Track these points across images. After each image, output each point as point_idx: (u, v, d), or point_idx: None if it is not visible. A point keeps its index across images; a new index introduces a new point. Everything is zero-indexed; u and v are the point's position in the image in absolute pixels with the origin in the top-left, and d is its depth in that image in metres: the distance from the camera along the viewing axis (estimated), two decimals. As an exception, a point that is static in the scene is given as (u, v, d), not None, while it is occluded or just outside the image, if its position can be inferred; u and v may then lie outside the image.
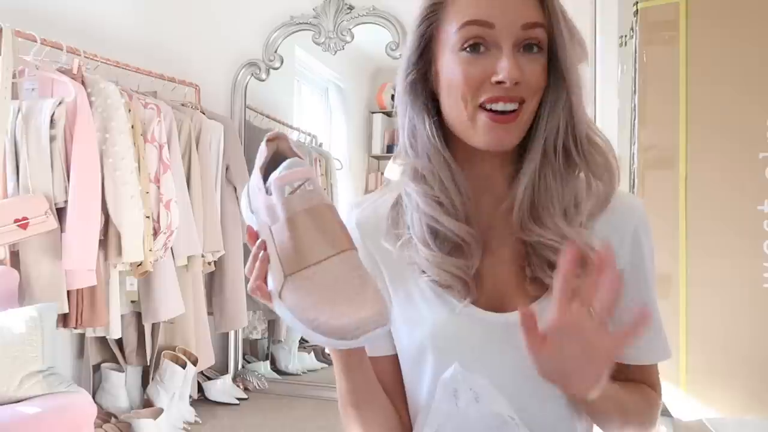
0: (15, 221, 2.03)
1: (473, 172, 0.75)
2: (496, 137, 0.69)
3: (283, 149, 0.70)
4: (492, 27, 0.67)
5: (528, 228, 0.71)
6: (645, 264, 0.76)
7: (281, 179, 0.62)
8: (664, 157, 1.71)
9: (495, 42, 0.68)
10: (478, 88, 0.68)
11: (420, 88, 0.75)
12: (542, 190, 0.72)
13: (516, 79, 0.66)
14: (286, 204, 0.61)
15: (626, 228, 0.75)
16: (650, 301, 0.76)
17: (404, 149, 0.76)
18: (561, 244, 0.69)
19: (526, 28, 0.68)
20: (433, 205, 0.72)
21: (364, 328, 0.57)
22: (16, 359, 1.90)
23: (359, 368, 0.73)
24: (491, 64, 0.68)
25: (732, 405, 1.60)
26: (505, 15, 0.67)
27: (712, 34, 1.66)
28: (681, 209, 1.66)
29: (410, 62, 0.75)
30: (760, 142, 1.60)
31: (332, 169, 3.57)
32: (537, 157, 0.72)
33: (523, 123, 0.70)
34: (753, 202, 1.60)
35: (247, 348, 3.45)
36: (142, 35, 3.12)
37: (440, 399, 0.68)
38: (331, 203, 0.64)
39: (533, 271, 0.71)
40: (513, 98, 0.68)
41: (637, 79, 1.75)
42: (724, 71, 1.64)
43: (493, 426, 0.66)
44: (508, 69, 0.66)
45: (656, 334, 0.77)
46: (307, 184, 0.61)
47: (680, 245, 1.66)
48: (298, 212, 0.61)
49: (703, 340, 1.61)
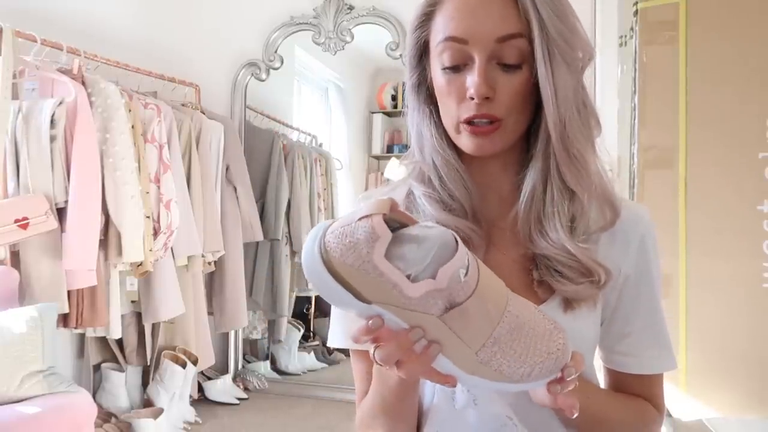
0: (15, 221, 2.03)
1: (478, 171, 0.75)
2: (478, 146, 0.70)
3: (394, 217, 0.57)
4: (466, 43, 0.67)
5: (533, 241, 0.71)
6: (651, 273, 0.76)
7: (453, 266, 0.54)
8: (664, 157, 1.71)
9: (470, 56, 0.67)
10: (459, 104, 0.69)
11: (421, 91, 0.76)
12: (547, 202, 0.71)
13: (485, 95, 0.66)
14: (464, 288, 0.54)
15: (633, 237, 0.75)
16: (656, 310, 0.76)
17: (413, 149, 0.77)
18: (567, 257, 0.69)
19: (501, 41, 0.66)
20: (435, 204, 0.73)
21: (566, 351, 0.57)
22: (17, 359, 1.90)
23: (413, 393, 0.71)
24: (467, 80, 0.68)
25: (732, 405, 1.60)
26: (480, 29, 0.66)
27: (712, 34, 1.66)
28: (681, 209, 1.66)
29: (411, 66, 0.76)
30: (759, 142, 1.60)
31: (332, 169, 3.58)
32: (537, 170, 0.71)
33: (505, 134, 0.70)
34: (753, 202, 1.60)
35: (247, 348, 3.45)
36: (142, 35, 3.12)
37: (439, 401, 0.68)
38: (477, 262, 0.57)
39: (541, 275, 0.71)
40: (486, 116, 0.67)
41: (637, 79, 1.75)
42: (724, 71, 1.64)
43: (492, 427, 0.66)
44: (476, 84, 0.66)
45: (660, 343, 0.77)
46: (470, 262, 0.55)
47: (680, 245, 1.66)
48: (467, 299, 0.55)
49: (702, 340, 1.61)
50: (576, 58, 0.69)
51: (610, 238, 0.74)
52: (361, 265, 0.52)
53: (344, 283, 0.53)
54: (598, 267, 0.69)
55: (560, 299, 0.71)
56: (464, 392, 0.66)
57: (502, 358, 0.56)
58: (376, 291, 0.53)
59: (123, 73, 2.67)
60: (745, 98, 1.62)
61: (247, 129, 3.29)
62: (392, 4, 3.05)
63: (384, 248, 0.52)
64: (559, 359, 0.57)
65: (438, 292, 0.53)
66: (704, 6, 1.66)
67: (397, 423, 0.72)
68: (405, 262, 0.53)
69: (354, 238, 0.52)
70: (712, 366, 1.61)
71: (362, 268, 0.52)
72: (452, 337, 0.55)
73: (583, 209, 0.72)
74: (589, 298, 0.70)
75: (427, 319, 0.54)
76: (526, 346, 0.56)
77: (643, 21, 1.73)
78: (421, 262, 0.53)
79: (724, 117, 1.64)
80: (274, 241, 3.29)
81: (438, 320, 0.54)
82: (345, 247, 0.52)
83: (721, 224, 1.63)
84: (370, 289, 0.53)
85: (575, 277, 0.69)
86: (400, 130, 3.56)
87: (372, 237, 0.52)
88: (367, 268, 0.52)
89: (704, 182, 1.65)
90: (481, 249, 0.72)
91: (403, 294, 0.53)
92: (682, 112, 1.67)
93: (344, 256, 0.52)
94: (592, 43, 0.72)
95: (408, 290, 0.52)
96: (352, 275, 0.53)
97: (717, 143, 1.64)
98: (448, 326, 0.54)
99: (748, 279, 1.59)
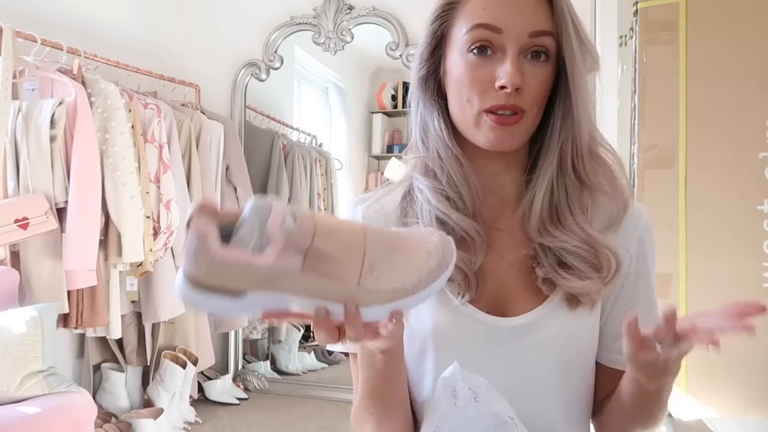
0: (15, 221, 2.03)
1: (480, 170, 0.75)
2: (499, 138, 0.70)
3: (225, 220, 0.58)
4: (500, 32, 0.68)
5: (548, 233, 0.72)
6: (649, 270, 0.77)
7: (277, 218, 0.54)
8: (664, 157, 1.71)
9: (501, 47, 0.68)
10: (483, 93, 0.69)
11: (430, 84, 0.76)
12: (562, 197, 0.72)
13: (517, 85, 0.67)
14: (303, 232, 0.55)
15: (632, 235, 0.76)
16: (653, 308, 0.78)
17: (416, 144, 0.78)
18: (581, 248, 0.70)
19: (533, 35, 0.68)
20: (442, 200, 0.73)
21: (446, 246, 0.60)
22: (17, 359, 1.90)
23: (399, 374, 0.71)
24: (496, 69, 0.68)
25: (732, 405, 1.60)
26: (514, 21, 0.67)
27: (712, 34, 1.66)
28: (681, 209, 1.66)
29: (422, 58, 0.76)
30: (759, 142, 1.60)
31: (332, 169, 3.58)
32: (553, 167, 0.72)
33: (525, 128, 0.71)
34: (753, 202, 1.60)
35: (247, 348, 3.45)
36: (142, 35, 3.12)
37: (439, 398, 0.68)
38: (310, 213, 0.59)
39: (545, 272, 0.71)
40: (513, 107, 0.68)
41: (637, 79, 1.75)
42: (724, 71, 1.64)
43: (492, 426, 0.66)
44: (509, 74, 0.66)
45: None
46: (296, 210, 0.56)
47: (680, 245, 1.66)
48: (313, 239, 0.56)
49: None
50: (594, 61, 0.72)
51: (614, 236, 0.75)
52: (212, 265, 0.54)
53: (213, 290, 0.55)
54: (611, 255, 0.70)
55: (563, 297, 0.71)
56: (465, 390, 0.66)
57: (386, 278, 0.58)
58: (239, 278, 0.55)
59: (123, 73, 2.67)
60: (745, 98, 1.62)
61: (247, 129, 3.29)
62: (392, 4, 3.05)
63: (216, 239, 0.54)
64: (440, 255, 0.59)
65: (284, 250, 0.54)
66: (704, 6, 1.66)
67: (390, 409, 0.73)
68: (242, 242, 0.55)
69: (191, 248, 0.55)
70: (712, 366, 1.61)
71: (214, 267, 0.54)
72: (326, 281, 0.56)
73: (595, 204, 0.74)
74: (593, 294, 0.71)
75: (293, 276, 0.55)
76: (404, 259, 0.58)
77: (643, 21, 1.73)
78: (252, 234, 0.55)
79: (724, 117, 1.64)
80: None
81: (302, 273, 0.56)
82: (192, 260, 0.55)
83: (721, 224, 1.63)
84: (233, 279, 0.55)
85: (585, 271, 0.70)
86: (400, 130, 3.56)
87: (201, 236, 0.54)
88: (216, 265, 0.54)
89: (704, 182, 1.65)
90: (483, 250, 0.72)
91: (259, 269, 0.54)
92: (682, 112, 1.67)
93: (197, 267, 0.55)
94: (593, 45, 0.74)
95: (259, 262, 0.54)
96: (212, 279, 0.55)
97: (717, 143, 1.65)
98: (316, 272, 0.56)
99: (748, 279, 1.59)
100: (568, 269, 0.70)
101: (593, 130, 0.72)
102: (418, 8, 2.88)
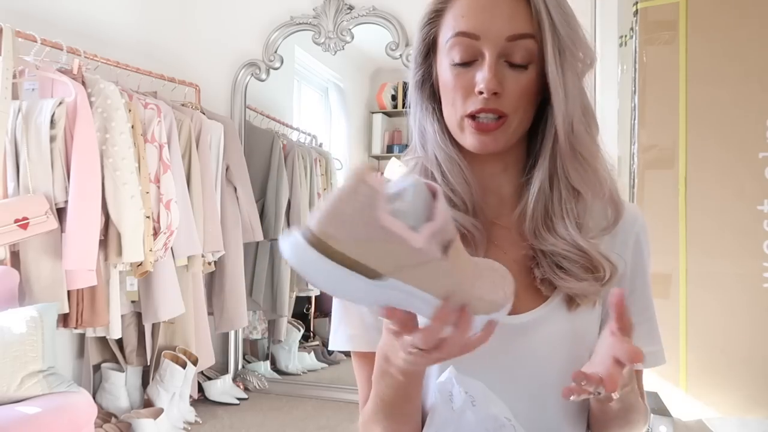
0: (15, 221, 2.03)
1: (479, 172, 0.76)
2: (481, 143, 0.71)
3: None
4: (477, 38, 0.68)
5: (542, 237, 0.72)
6: (645, 271, 0.78)
7: (443, 204, 0.52)
8: (664, 157, 1.71)
9: (481, 53, 0.69)
10: (465, 98, 0.70)
11: (426, 88, 0.77)
12: (555, 200, 0.72)
13: (493, 90, 0.67)
14: (451, 223, 0.53)
15: (629, 237, 0.77)
16: (649, 307, 0.78)
17: (416, 145, 0.78)
18: (574, 253, 0.70)
19: (511, 39, 0.68)
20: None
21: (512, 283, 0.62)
22: (17, 359, 1.91)
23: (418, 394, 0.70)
24: (476, 74, 0.69)
25: (732, 405, 1.60)
26: (492, 26, 0.68)
27: (712, 34, 1.66)
28: (680, 209, 1.66)
29: (416, 63, 0.77)
30: (759, 142, 1.60)
31: (332, 169, 3.58)
32: (545, 169, 0.72)
33: (509, 132, 0.71)
34: (753, 202, 1.60)
35: (247, 348, 3.45)
36: (142, 35, 3.12)
37: (437, 402, 0.68)
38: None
39: (543, 273, 0.72)
40: (493, 110, 0.69)
41: (637, 79, 1.75)
42: (724, 71, 1.64)
43: (491, 429, 0.66)
44: (486, 79, 0.67)
45: (654, 340, 0.78)
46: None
47: (680, 245, 1.66)
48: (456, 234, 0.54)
49: (703, 341, 1.61)
50: (581, 61, 0.71)
51: (611, 239, 0.75)
52: (368, 232, 0.47)
53: (348, 263, 0.48)
54: (605, 262, 0.70)
55: (562, 297, 0.72)
56: (462, 394, 0.66)
57: (487, 290, 0.58)
58: (386, 256, 0.49)
59: (123, 72, 2.67)
60: (745, 98, 1.62)
61: (247, 129, 3.29)
62: (392, 4, 3.05)
63: (386, 203, 0.48)
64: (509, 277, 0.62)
65: (435, 235, 0.50)
66: (704, 6, 1.66)
67: (402, 426, 0.72)
68: (402, 216, 0.50)
69: (355, 206, 0.47)
70: (712, 366, 1.61)
71: (369, 235, 0.47)
72: (452, 281, 0.53)
73: (588, 209, 0.73)
74: (591, 295, 0.71)
75: (431, 267, 0.51)
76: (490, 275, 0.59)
77: (643, 21, 1.73)
78: (414, 211, 0.50)
79: (724, 117, 1.64)
80: (274, 241, 3.29)
81: (441, 262, 0.51)
82: (339, 222, 0.47)
83: (721, 224, 1.63)
84: (379, 257, 0.49)
85: (580, 273, 0.70)
86: (400, 130, 3.56)
87: (371, 195, 0.47)
88: (373, 233, 0.47)
89: (704, 182, 1.65)
90: (482, 246, 0.73)
91: (411, 248, 0.49)
92: (682, 112, 1.67)
93: (344, 232, 0.47)
94: (593, 45, 0.73)
95: (413, 241, 0.49)
96: (358, 248, 0.48)
97: (717, 143, 1.65)
98: (450, 270, 0.52)
99: (748, 279, 1.59)
100: (565, 271, 0.71)
101: (582, 133, 0.71)
102: (418, 8, 2.86)
